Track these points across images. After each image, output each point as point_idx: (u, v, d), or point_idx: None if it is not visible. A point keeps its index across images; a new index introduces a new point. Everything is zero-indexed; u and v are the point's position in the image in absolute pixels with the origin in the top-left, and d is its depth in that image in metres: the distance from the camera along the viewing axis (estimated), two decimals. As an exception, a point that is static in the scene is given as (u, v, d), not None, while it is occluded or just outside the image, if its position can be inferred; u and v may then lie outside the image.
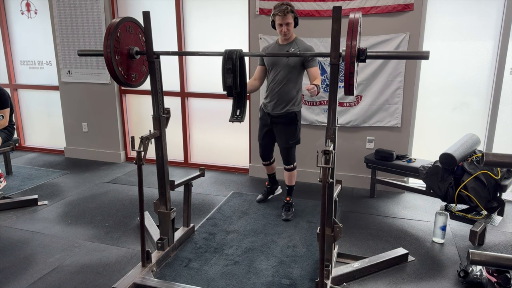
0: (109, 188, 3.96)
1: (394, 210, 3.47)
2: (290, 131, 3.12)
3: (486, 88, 3.61)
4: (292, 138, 3.13)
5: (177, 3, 4.23)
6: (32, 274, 2.48)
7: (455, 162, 2.89)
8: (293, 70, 2.99)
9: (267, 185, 3.60)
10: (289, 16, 2.87)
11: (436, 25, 3.59)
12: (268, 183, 3.60)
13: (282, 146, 3.19)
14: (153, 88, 2.48)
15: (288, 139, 3.13)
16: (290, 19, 2.88)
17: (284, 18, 2.86)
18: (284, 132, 3.13)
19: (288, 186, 3.38)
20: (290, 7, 2.86)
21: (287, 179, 3.35)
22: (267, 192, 3.60)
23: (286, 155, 3.21)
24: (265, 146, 3.32)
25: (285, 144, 3.15)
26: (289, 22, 2.88)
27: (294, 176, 3.33)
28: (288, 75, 3.00)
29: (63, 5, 4.51)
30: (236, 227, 3.11)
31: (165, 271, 2.49)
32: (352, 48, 1.82)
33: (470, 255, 1.59)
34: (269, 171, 3.51)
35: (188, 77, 4.47)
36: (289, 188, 3.39)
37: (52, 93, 5.03)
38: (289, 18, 2.87)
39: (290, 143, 3.14)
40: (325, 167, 1.85)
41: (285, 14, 2.84)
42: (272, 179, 3.57)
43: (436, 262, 2.63)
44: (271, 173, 3.53)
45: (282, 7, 2.84)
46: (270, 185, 3.60)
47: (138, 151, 2.23)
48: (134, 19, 2.42)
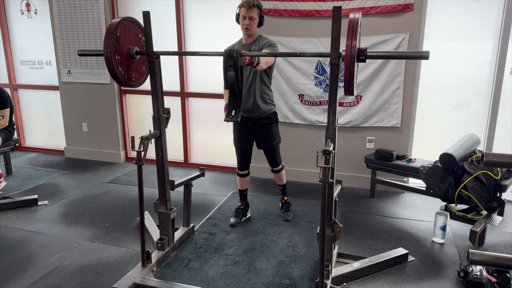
0: (109, 188, 3.96)
1: (394, 210, 3.47)
2: (273, 130, 3.07)
3: (486, 88, 3.61)
4: (275, 138, 3.09)
5: (177, 3, 4.23)
6: (32, 274, 2.48)
7: (455, 162, 2.89)
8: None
9: (240, 206, 3.26)
10: (254, 11, 2.76)
11: (436, 25, 3.59)
12: (241, 204, 3.27)
13: (267, 147, 3.11)
14: (153, 88, 2.48)
15: (272, 139, 3.08)
16: (254, 14, 2.77)
17: (248, 11, 2.75)
18: (267, 133, 3.06)
19: (280, 185, 3.33)
20: (257, 2, 2.78)
21: (278, 180, 3.29)
22: (242, 214, 3.24)
23: (273, 156, 3.15)
24: (246, 151, 3.16)
25: (269, 145, 3.09)
26: (252, 16, 2.77)
27: (283, 174, 3.27)
28: (254, 75, 2.91)
29: (63, 5, 4.51)
30: (236, 227, 3.11)
31: (165, 271, 2.49)
32: (352, 48, 1.82)
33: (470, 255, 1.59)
34: (243, 186, 3.26)
35: (188, 77, 4.47)
36: (282, 188, 3.34)
37: (52, 93, 5.03)
38: (253, 12, 2.76)
39: (274, 143, 3.10)
40: (325, 167, 1.85)
41: (250, 7, 2.74)
42: (244, 197, 3.29)
43: (436, 262, 2.63)
44: (244, 189, 3.28)
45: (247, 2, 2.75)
46: (243, 205, 3.27)
47: (138, 151, 2.23)
48: (134, 19, 2.41)
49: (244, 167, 3.21)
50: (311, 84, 3.85)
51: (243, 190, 3.28)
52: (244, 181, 3.25)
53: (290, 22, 3.80)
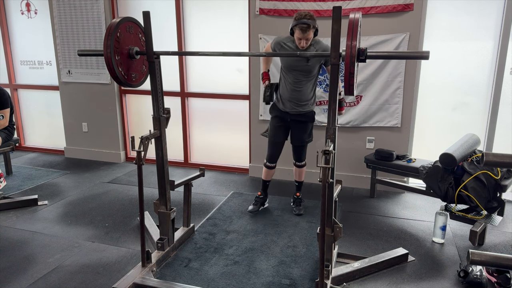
0: (109, 188, 3.96)
1: (394, 210, 3.47)
2: (308, 129, 3.20)
3: (486, 88, 3.61)
4: (308, 136, 3.23)
5: (177, 3, 4.23)
6: (32, 274, 2.48)
7: (455, 162, 2.89)
8: (312, 71, 3.00)
9: (260, 195, 3.43)
10: (310, 33, 2.80)
11: (436, 25, 3.59)
12: (261, 193, 3.43)
13: (298, 144, 3.23)
14: (153, 88, 2.48)
15: (305, 137, 3.21)
16: (310, 35, 2.82)
17: (304, 34, 2.79)
18: (302, 130, 3.18)
19: (298, 182, 3.47)
20: (312, 23, 2.77)
21: (298, 175, 3.43)
22: (260, 203, 3.42)
23: (300, 153, 3.28)
24: (278, 145, 3.24)
25: (301, 142, 3.22)
26: (309, 37, 2.83)
27: (304, 172, 3.42)
28: (308, 77, 3.03)
29: (63, 5, 4.51)
30: (236, 227, 3.11)
31: (165, 271, 2.49)
32: (352, 48, 1.82)
33: (470, 255, 1.59)
34: (269, 177, 3.39)
35: (188, 77, 4.47)
36: (299, 184, 3.48)
37: (52, 93, 5.03)
38: (309, 34, 2.80)
39: (306, 141, 3.23)
40: (325, 167, 1.85)
41: (305, 31, 2.77)
42: (266, 187, 3.43)
43: (436, 262, 2.63)
44: (268, 180, 3.41)
45: (304, 25, 2.74)
46: (263, 195, 3.44)
47: (138, 151, 2.23)
48: (134, 19, 2.41)
49: (273, 160, 3.31)
50: (311, 84, 3.85)
51: (266, 181, 3.42)
52: (269, 173, 3.38)
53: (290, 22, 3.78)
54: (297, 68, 2.98)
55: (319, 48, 2.94)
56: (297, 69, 2.98)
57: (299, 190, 3.48)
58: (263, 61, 3.23)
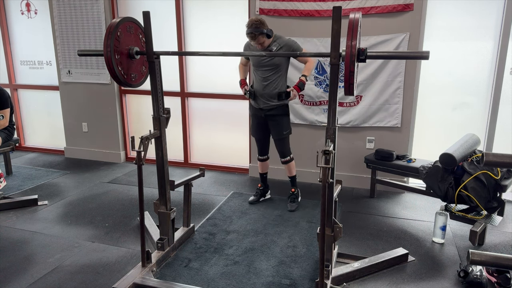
0: (109, 188, 3.96)
1: (394, 210, 3.47)
2: (283, 122, 3.28)
3: (486, 88, 3.61)
4: (285, 129, 3.30)
5: (177, 3, 4.23)
6: (32, 274, 2.48)
7: (455, 162, 2.89)
8: (279, 66, 3.13)
9: (260, 186, 3.62)
10: (259, 39, 2.97)
11: (436, 25, 3.59)
12: (261, 185, 3.63)
13: (277, 138, 3.32)
14: (153, 88, 2.48)
15: (282, 130, 3.28)
16: (261, 40, 2.98)
17: (254, 41, 2.99)
18: (278, 124, 3.27)
19: (290, 177, 3.52)
20: (258, 31, 2.93)
21: (287, 170, 3.49)
22: (260, 194, 3.61)
23: (281, 147, 3.35)
24: (262, 139, 3.43)
25: (279, 135, 3.30)
26: (260, 42, 3.00)
27: (293, 166, 3.46)
28: (275, 72, 3.15)
29: (63, 5, 4.51)
30: (236, 227, 3.11)
31: (165, 271, 2.49)
32: (352, 48, 1.82)
33: (470, 255, 1.59)
34: (264, 169, 3.57)
35: (188, 77, 4.47)
36: (291, 179, 3.53)
37: (52, 93, 5.03)
38: (259, 40, 2.98)
39: (284, 134, 3.30)
40: (325, 167, 1.85)
41: (254, 39, 2.97)
42: (264, 179, 3.62)
43: (436, 262, 2.63)
44: (264, 172, 3.58)
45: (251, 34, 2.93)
46: (263, 186, 3.62)
47: (138, 151, 2.23)
48: (134, 19, 2.41)
49: (263, 153, 3.50)
50: (311, 84, 3.85)
51: (263, 173, 3.59)
52: (264, 165, 3.55)
53: (290, 22, 3.80)
54: (263, 64, 3.13)
55: (281, 42, 3.10)
56: (264, 65, 3.13)
57: (293, 185, 3.54)
58: (239, 69, 3.41)
